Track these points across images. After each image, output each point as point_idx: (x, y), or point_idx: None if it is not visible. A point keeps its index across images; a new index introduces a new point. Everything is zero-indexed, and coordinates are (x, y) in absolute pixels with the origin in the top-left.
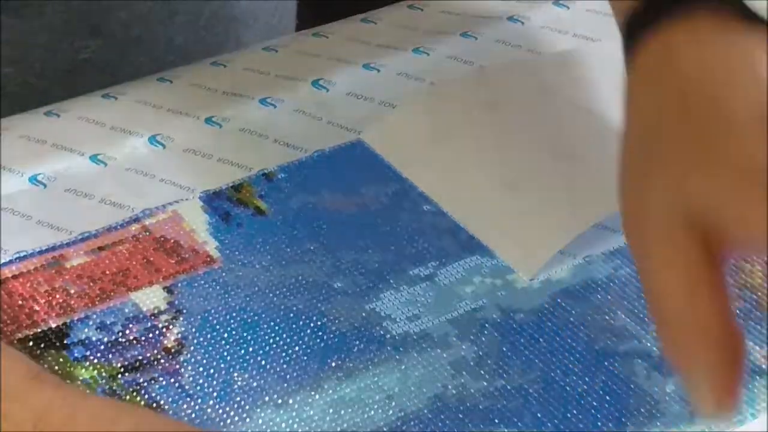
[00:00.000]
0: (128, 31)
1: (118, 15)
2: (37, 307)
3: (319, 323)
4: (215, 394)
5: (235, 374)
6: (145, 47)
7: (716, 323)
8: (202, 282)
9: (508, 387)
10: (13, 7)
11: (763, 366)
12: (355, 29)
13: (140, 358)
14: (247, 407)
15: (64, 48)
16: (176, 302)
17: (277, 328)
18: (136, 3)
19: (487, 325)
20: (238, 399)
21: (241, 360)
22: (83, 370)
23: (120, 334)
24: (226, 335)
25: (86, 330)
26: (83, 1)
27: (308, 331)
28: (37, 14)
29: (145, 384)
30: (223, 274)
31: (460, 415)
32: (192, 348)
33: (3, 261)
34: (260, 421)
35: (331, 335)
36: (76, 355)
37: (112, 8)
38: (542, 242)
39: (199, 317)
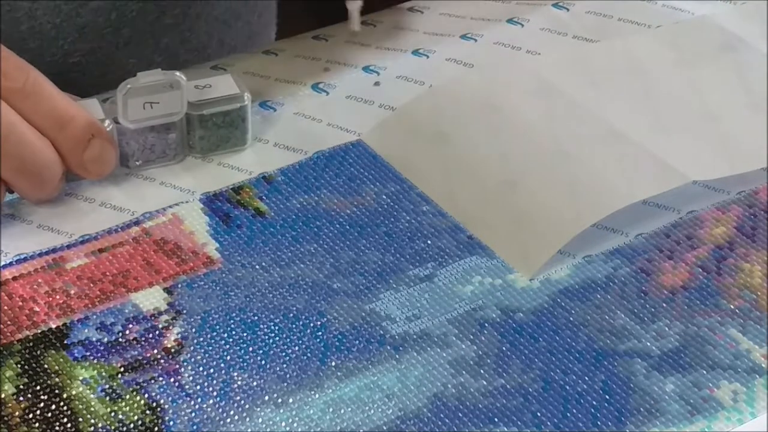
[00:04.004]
0: (117, 33)
1: (107, 17)
2: (37, 308)
3: (318, 323)
4: (215, 393)
5: (235, 374)
6: (133, 49)
7: None
8: (202, 283)
9: (508, 386)
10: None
11: (763, 366)
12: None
13: (140, 358)
14: (247, 407)
15: (54, 52)
16: (176, 303)
17: (276, 328)
18: (125, 4)
19: (486, 324)
20: (238, 399)
21: (240, 360)
22: (83, 370)
23: (120, 334)
24: (225, 335)
25: (86, 330)
26: (71, 3)
27: (308, 331)
28: (27, 18)
29: (145, 384)
30: (223, 275)
31: (460, 414)
32: (192, 348)
33: (3, 263)
34: (260, 421)
35: (331, 335)
36: (76, 355)
37: (101, 10)
38: (542, 242)
39: (198, 318)
